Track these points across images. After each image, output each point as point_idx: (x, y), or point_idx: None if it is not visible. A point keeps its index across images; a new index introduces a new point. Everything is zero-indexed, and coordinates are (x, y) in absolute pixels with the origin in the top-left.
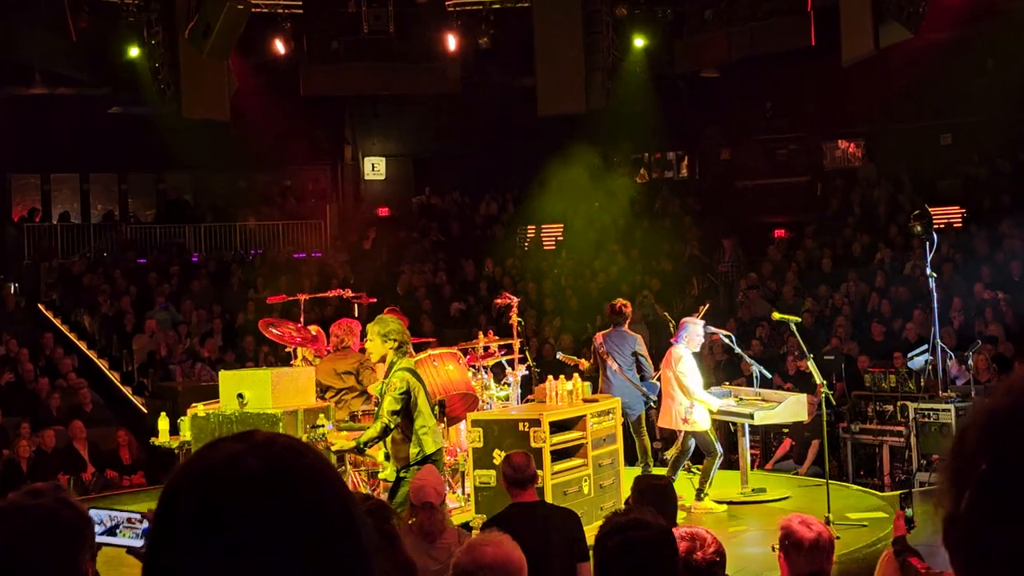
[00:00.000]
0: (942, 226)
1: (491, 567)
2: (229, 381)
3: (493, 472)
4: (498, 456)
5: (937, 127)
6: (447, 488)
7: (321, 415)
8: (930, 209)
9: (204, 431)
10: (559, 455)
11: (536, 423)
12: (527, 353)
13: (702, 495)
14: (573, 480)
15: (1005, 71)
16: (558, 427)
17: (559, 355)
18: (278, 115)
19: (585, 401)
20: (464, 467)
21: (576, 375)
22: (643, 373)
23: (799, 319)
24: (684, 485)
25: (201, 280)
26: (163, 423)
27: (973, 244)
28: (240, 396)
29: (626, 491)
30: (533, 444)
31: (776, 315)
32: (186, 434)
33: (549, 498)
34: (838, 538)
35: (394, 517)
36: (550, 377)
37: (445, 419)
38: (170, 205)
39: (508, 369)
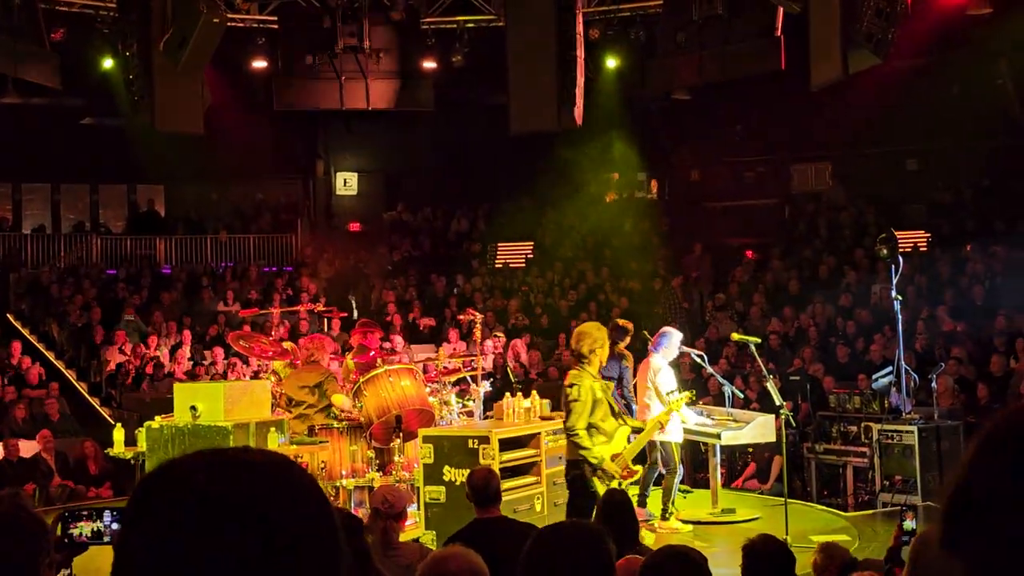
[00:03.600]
0: (907, 250)
1: None
2: (183, 393)
3: (443, 488)
4: (448, 472)
5: (903, 152)
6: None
7: (273, 428)
8: (896, 233)
9: (157, 442)
10: (512, 472)
11: (485, 440)
12: (508, 370)
13: (667, 514)
14: (524, 498)
15: (971, 99)
16: (511, 444)
17: None
18: (251, 129)
19: (542, 419)
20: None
21: (535, 392)
22: (624, 392)
23: (759, 340)
24: (655, 502)
25: (171, 292)
26: (118, 434)
27: (937, 268)
28: (193, 408)
29: None
30: (482, 461)
31: (735, 336)
32: (142, 445)
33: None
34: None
35: (365, 532)
36: (507, 394)
37: (400, 434)
38: (141, 217)
39: (472, 385)
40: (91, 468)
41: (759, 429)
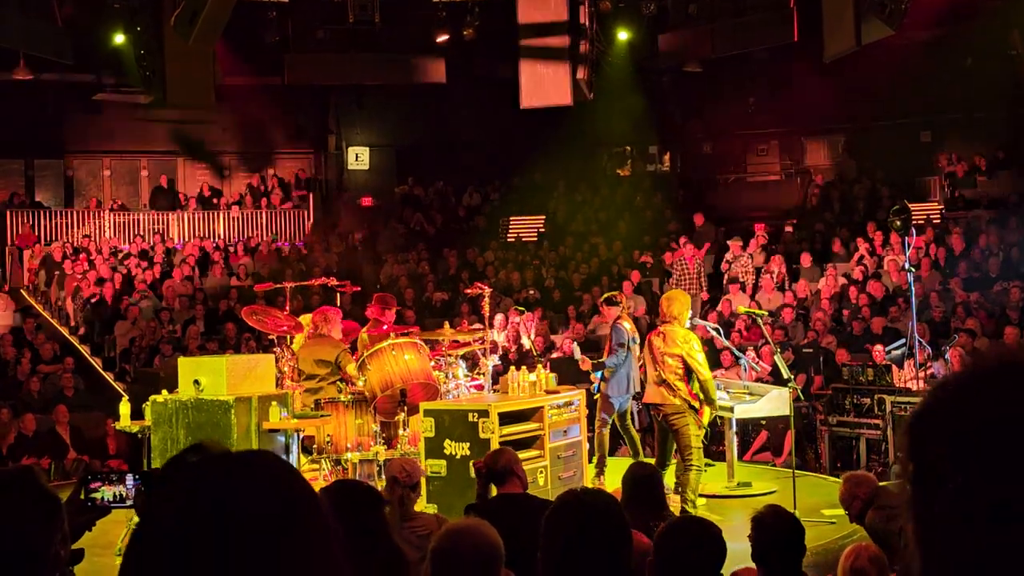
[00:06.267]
0: (921, 222)
1: (468, 551)
2: (187, 368)
3: (444, 462)
4: (448, 446)
5: (917, 124)
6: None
7: (275, 402)
8: (909, 205)
9: (162, 416)
10: (515, 446)
11: (485, 414)
12: (532, 344)
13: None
14: (528, 471)
15: (984, 70)
16: (513, 418)
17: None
18: (262, 103)
19: (548, 392)
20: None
21: (540, 366)
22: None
23: (765, 313)
24: (670, 476)
25: (184, 267)
26: (124, 407)
27: (950, 240)
28: (196, 382)
29: (605, 484)
30: (481, 435)
31: (742, 308)
32: (149, 419)
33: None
34: None
35: (385, 505)
36: (512, 368)
37: (405, 407)
38: (154, 192)
39: (481, 359)
40: (110, 446)
41: (773, 402)
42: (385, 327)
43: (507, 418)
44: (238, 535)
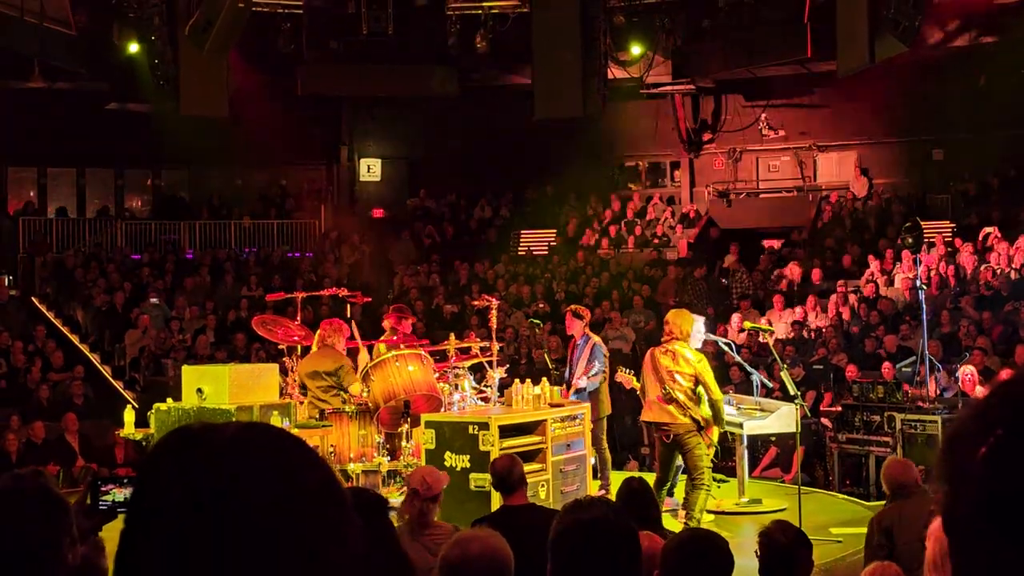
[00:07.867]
0: (932, 240)
1: (478, 560)
2: (191, 376)
3: (444, 474)
4: (449, 458)
5: (929, 142)
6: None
7: (276, 412)
8: (921, 223)
9: (165, 424)
10: None
11: (485, 426)
12: (547, 356)
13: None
14: (529, 484)
15: (997, 89)
16: (515, 431)
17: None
18: (275, 114)
19: (551, 406)
20: None
21: (545, 379)
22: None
23: (772, 329)
24: (681, 491)
25: (195, 277)
26: (128, 415)
27: (961, 259)
28: (199, 391)
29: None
30: (481, 447)
31: (747, 324)
32: (153, 427)
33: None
34: None
35: (390, 511)
36: (516, 380)
37: (408, 419)
38: (165, 201)
39: (488, 371)
40: (118, 455)
41: (782, 419)
42: (395, 337)
43: (509, 431)
44: (239, 532)
